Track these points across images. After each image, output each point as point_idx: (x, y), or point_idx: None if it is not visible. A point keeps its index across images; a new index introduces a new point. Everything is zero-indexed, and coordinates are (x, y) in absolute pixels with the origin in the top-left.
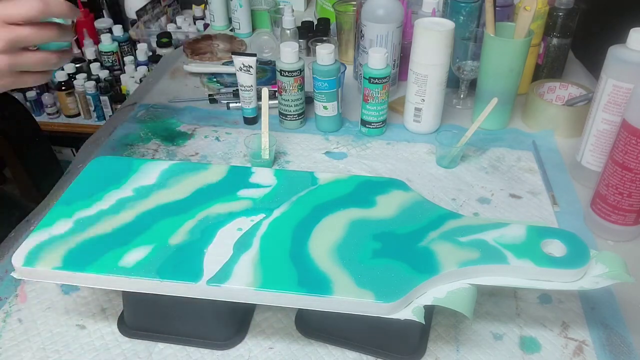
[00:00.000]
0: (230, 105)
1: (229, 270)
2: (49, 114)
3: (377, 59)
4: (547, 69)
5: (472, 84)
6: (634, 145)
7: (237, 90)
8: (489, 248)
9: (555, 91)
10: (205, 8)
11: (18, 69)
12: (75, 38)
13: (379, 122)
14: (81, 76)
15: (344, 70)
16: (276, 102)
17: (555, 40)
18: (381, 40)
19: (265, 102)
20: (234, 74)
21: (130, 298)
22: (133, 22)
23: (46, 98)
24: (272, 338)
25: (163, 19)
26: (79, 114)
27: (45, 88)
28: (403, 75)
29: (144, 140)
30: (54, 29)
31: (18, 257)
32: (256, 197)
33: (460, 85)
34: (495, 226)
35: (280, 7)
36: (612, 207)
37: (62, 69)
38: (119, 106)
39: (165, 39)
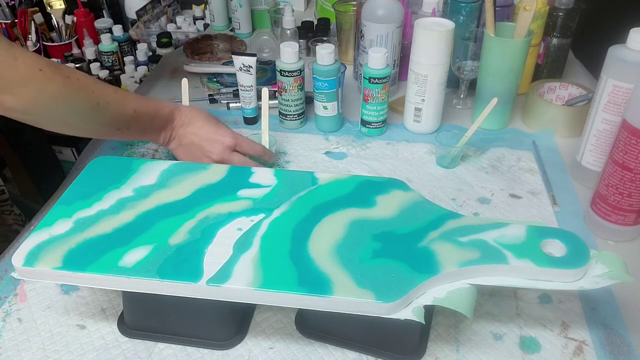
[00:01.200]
0: (230, 105)
1: (228, 270)
2: None
3: (377, 59)
4: (547, 69)
5: (472, 84)
6: (634, 145)
7: (237, 90)
8: (489, 248)
9: (555, 91)
10: (205, 8)
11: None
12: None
13: (379, 122)
14: None
15: (344, 70)
16: (276, 102)
17: (555, 40)
18: (381, 40)
19: (265, 102)
20: (234, 74)
21: (130, 298)
22: (133, 22)
23: None
24: (272, 338)
25: (163, 19)
26: None
27: None
28: (403, 75)
29: (144, 140)
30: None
31: (18, 257)
32: (256, 197)
33: (460, 85)
34: (495, 226)
35: (280, 7)
36: (612, 207)
37: None
38: None
39: (165, 39)
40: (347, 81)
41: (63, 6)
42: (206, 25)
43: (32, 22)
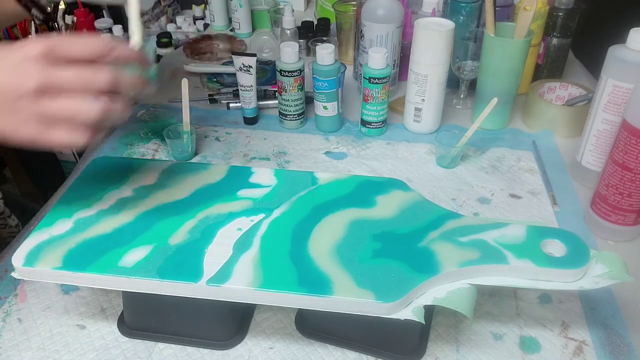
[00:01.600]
0: (230, 105)
1: (228, 270)
2: None
3: (377, 59)
4: (547, 69)
5: (472, 84)
6: (634, 145)
7: (237, 90)
8: (489, 248)
9: (555, 91)
10: (205, 8)
11: (47, 117)
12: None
13: (379, 122)
14: None
15: (344, 70)
16: (276, 102)
17: (555, 40)
18: (381, 40)
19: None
20: (234, 74)
21: (130, 298)
22: None
23: None
24: (272, 338)
25: (163, 19)
26: None
27: None
28: (403, 75)
29: (144, 140)
30: (109, 77)
31: (18, 257)
32: (256, 197)
33: (460, 85)
34: (495, 226)
35: (280, 7)
36: (612, 207)
37: None
38: None
39: (165, 39)
40: (347, 81)
41: (63, 6)
42: (206, 25)
43: (32, 22)
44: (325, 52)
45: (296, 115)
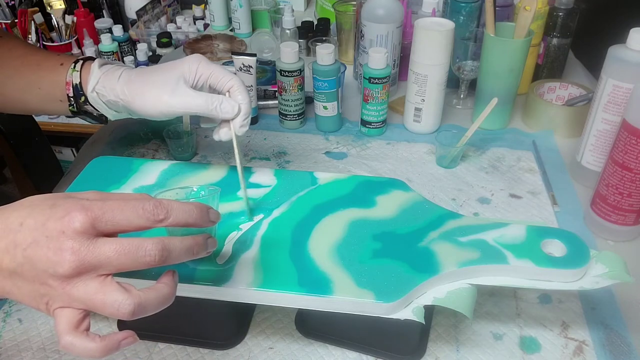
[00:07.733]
0: None
1: (229, 270)
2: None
3: (377, 59)
4: (547, 69)
5: (472, 84)
6: (634, 145)
7: None
8: (489, 248)
9: (555, 91)
10: (205, 8)
11: (71, 300)
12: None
13: (379, 122)
14: None
15: (344, 70)
16: (276, 102)
17: (555, 40)
18: (381, 40)
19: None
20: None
21: None
22: (133, 22)
23: None
24: (272, 338)
25: (163, 19)
26: None
27: None
28: (403, 75)
29: (144, 140)
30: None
31: None
32: (256, 197)
33: (460, 85)
34: (495, 226)
35: (280, 7)
36: (612, 207)
37: None
38: None
39: (165, 39)
40: (347, 81)
41: (63, 6)
42: (206, 25)
43: (32, 22)
44: (325, 52)
45: (296, 115)
